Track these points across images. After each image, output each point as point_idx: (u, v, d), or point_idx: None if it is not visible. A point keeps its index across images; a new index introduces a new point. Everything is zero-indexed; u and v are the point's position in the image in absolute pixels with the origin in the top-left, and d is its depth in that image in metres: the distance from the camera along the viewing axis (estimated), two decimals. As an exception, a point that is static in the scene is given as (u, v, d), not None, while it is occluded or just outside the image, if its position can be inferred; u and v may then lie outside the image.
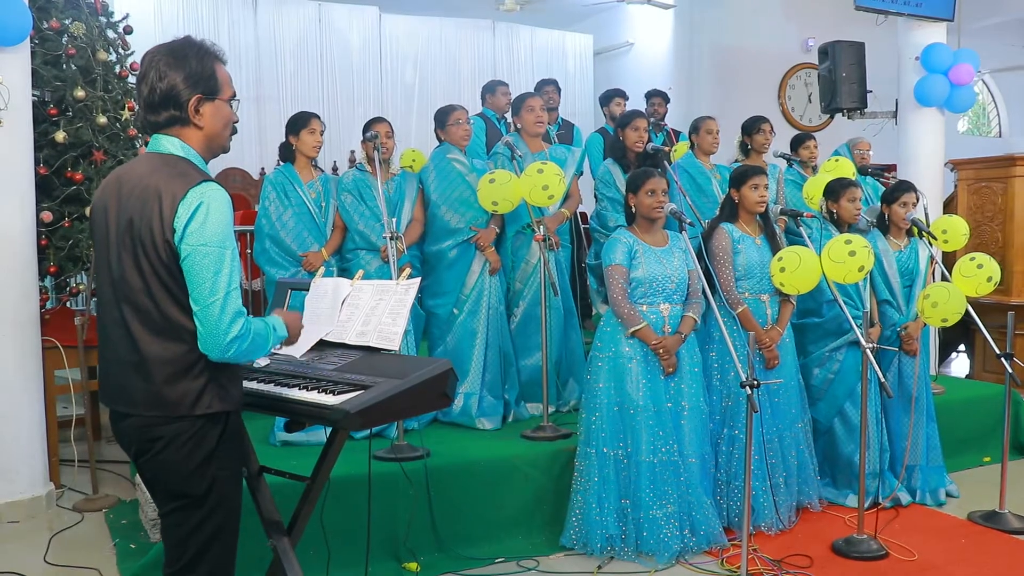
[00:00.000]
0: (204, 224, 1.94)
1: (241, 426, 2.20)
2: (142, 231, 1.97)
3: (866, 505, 3.84)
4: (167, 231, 1.94)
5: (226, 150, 2.21)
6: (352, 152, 8.42)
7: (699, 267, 3.75)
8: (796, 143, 5.45)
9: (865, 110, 6.98)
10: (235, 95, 2.16)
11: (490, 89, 5.76)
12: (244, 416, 2.58)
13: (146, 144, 2.84)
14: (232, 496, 2.14)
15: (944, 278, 4.26)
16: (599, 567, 3.56)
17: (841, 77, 6.80)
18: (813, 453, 4.16)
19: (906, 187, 4.38)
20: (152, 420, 2.01)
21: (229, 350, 1.97)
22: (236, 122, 2.19)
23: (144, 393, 2.01)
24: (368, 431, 3.08)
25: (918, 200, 4.45)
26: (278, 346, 2.25)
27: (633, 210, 3.75)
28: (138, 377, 2.01)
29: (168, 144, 2.07)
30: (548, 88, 5.93)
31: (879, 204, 4.49)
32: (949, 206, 6.79)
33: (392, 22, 9.09)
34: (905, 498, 4.27)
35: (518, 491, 3.80)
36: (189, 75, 2.04)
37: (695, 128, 4.99)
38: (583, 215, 6.14)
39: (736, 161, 5.05)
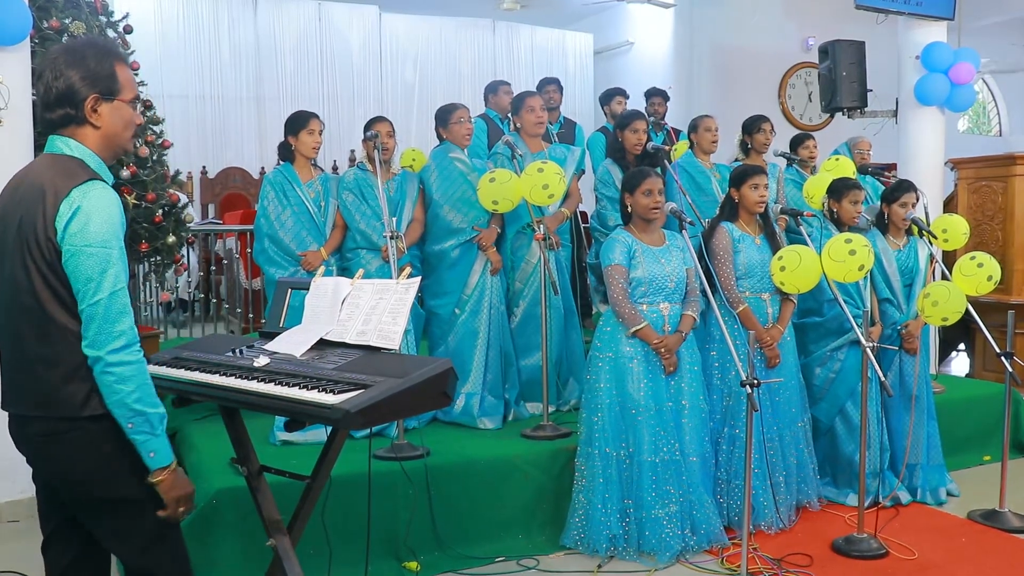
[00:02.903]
0: (87, 224, 1.90)
1: None
2: (28, 233, 1.94)
3: (866, 504, 3.84)
4: (49, 229, 1.91)
5: (128, 151, 2.17)
6: (352, 151, 8.43)
7: (699, 266, 3.75)
8: (795, 143, 5.45)
9: (865, 109, 6.97)
10: (137, 97, 2.11)
11: (492, 89, 5.76)
12: (244, 415, 2.60)
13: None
14: (157, 498, 2.07)
15: (944, 277, 4.26)
16: (599, 566, 3.56)
17: (841, 76, 6.80)
18: (813, 452, 4.16)
19: (907, 187, 4.38)
20: (44, 423, 1.97)
21: (114, 345, 1.89)
22: (139, 124, 2.15)
23: (34, 395, 1.98)
24: (368, 430, 3.08)
25: (918, 200, 4.45)
26: (154, 475, 1.98)
27: (629, 210, 3.75)
28: (28, 379, 1.98)
29: (62, 145, 2.03)
30: (550, 87, 5.92)
31: (879, 203, 4.50)
32: (949, 205, 6.79)
33: (392, 21, 9.09)
34: (905, 497, 4.27)
35: (518, 490, 3.80)
36: (87, 74, 2.00)
37: (694, 127, 4.99)
38: (583, 214, 6.13)
39: (736, 160, 5.05)
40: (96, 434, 1.97)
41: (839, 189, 4.27)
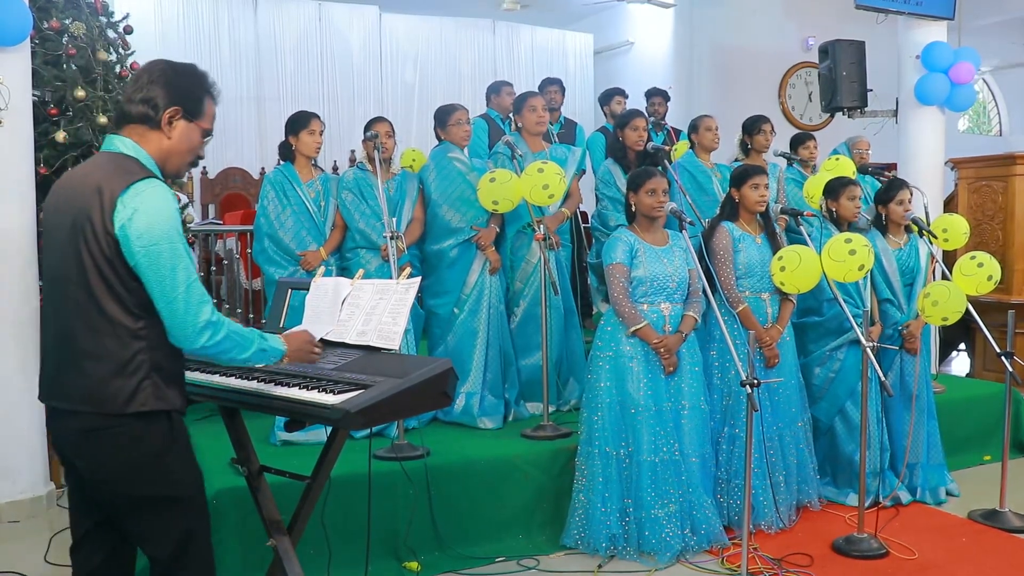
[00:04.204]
0: (152, 224, 1.94)
1: (184, 426, 2.14)
2: (84, 227, 1.97)
3: (866, 504, 3.84)
4: (108, 223, 1.94)
5: (180, 176, 2.27)
6: (352, 151, 8.42)
7: (699, 266, 3.75)
8: (796, 143, 5.45)
9: (865, 109, 6.98)
10: (211, 132, 2.21)
11: (495, 90, 5.75)
12: (245, 415, 2.60)
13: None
14: (195, 497, 2.13)
15: (944, 277, 4.26)
16: (599, 566, 3.56)
17: (841, 76, 6.80)
18: (812, 452, 4.16)
19: (898, 184, 4.38)
20: (88, 418, 1.99)
21: (202, 337, 1.99)
22: (201, 157, 2.24)
23: (79, 389, 1.99)
24: (368, 430, 3.08)
25: (912, 195, 4.45)
26: (279, 361, 2.24)
27: (633, 209, 3.75)
28: (74, 373, 2.00)
29: (120, 144, 2.08)
30: (552, 88, 5.92)
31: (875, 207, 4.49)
32: (949, 205, 6.79)
33: (392, 21, 9.08)
34: (905, 497, 4.26)
35: (518, 490, 3.80)
36: (179, 90, 2.11)
37: (694, 127, 5.00)
38: (583, 214, 6.13)
39: (737, 160, 5.05)
40: (139, 431, 1.99)
41: (834, 188, 4.27)
